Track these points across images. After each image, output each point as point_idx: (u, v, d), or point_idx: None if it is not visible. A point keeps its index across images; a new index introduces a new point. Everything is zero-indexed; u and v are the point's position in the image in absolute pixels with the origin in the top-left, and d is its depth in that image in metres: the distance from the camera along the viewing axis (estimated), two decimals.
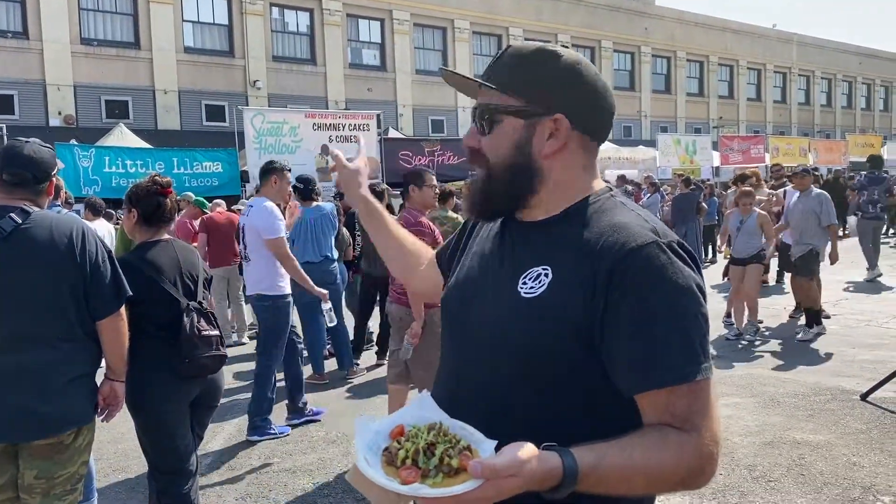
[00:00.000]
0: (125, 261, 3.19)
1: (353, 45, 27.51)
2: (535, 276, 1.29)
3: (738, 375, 6.46)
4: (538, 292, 1.26)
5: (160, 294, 3.23)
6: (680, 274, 1.20)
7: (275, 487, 4.47)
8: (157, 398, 3.23)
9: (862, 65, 46.72)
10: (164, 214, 3.38)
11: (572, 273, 1.24)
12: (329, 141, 15.44)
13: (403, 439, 1.14)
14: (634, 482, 1.16)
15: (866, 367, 6.52)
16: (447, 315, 1.44)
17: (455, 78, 1.40)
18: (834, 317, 8.82)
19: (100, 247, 2.84)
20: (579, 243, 1.26)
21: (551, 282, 1.26)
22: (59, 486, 2.77)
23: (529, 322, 1.25)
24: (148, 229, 3.36)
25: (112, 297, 2.84)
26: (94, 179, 12.81)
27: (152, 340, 3.18)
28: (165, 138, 19.48)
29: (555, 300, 1.24)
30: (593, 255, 1.23)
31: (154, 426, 3.27)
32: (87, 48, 21.78)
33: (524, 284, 1.29)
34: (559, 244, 1.30)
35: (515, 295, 1.29)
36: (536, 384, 1.26)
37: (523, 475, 1.07)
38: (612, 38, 34.49)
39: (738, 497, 4.07)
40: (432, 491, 1.04)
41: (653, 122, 35.58)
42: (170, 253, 3.34)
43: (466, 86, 1.42)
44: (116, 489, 4.55)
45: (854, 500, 3.98)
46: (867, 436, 4.92)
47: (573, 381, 1.25)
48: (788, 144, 27.31)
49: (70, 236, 2.75)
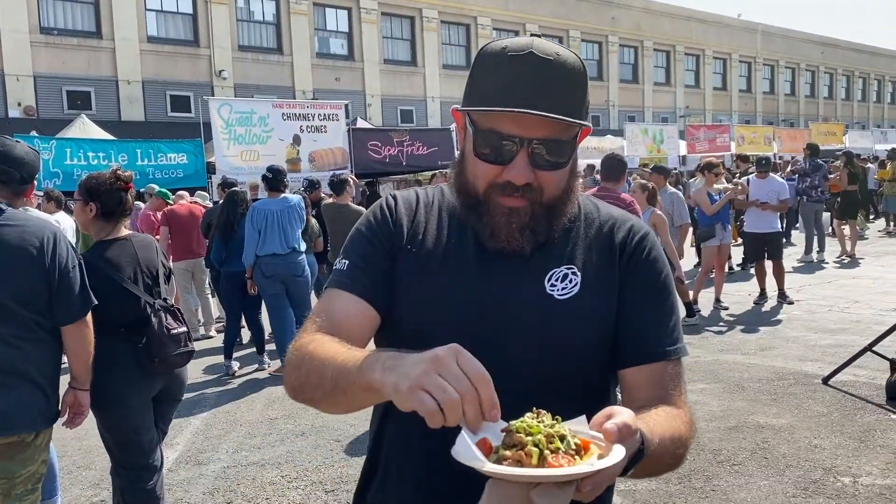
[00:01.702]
0: (83, 260, 3.14)
1: (321, 35, 27.29)
2: (562, 276, 1.29)
3: (705, 362, 6.55)
4: (572, 292, 1.28)
5: (121, 293, 3.19)
6: (666, 261, 1.37)
7: (243, 481, 4.44)
8: (119, 394, 3.19)
9: (824, 54, 47.53)
10: (125, 210, 3.33)
11: (597, 269, 1.31)
12: (300, 131, 15.34)
13: (510, 438, 0.95)
14: (667, 453, 1.14)
15: (828, 352, 6.65)
16: (440, 329, 1.22)
17: (535, 117, 1.17)
18: (797, 302, 8.99)
19: (71, 254, 2.79)
20: (596, 238, 1.34)
21: (581, 281, 1.29)
22: (20, 486, 2.72)
23: (568, 323, 1.26)
24: (106, 224, 3.30)
25: (78, 305, 2.80)
26: (55, 172, 12.57)
27: (112, 337, 3.13)
28: (129, 129, 19.17)
29: (588, 299, 1.28)
30: (612, 246, 1.33)
31: (116, 422, 3.23)
32: (47, 37, 21.32)
33: (553, 287, 1.28)
34: (577, 243, 1.33)
35: (548, 298, 1.27)
36: (566, 386, 1.27)
37: (637, 429, 1.00)
38: (579, 27, 34.64)
39: (703, 481, 4.13)
40: (605, 461, 0.91)
41: (620, 111, 35.84)
42: (128, 251, 3.30)
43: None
44: (80, 486, 4.49)
45: (815, 481, 4.07)
46: (828, 418, 5.02)
47: (599, 382, 1.34)
48: (753, 133, 27.76)
49: (41, 240, 2.70)
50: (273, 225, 6.65)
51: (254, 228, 6.63)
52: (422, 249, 1.33)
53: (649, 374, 1.27)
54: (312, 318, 1.29)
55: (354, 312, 1.28)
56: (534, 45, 1.21)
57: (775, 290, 9.13)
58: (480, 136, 1.23)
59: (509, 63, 1.20)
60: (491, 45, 1.26)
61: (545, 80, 1.19)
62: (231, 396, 6.12)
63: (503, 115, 1.19)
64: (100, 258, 3.21)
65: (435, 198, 1.41)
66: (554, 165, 1.24)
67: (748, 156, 13.53)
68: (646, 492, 4.02)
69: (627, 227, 1.36)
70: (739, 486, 4.05)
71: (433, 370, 0.91)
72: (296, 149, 15.20)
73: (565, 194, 1.29)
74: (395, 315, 1.31)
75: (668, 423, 1.16)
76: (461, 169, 1.31)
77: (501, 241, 1.26)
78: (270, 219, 6.65)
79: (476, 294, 1.28)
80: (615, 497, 4.05)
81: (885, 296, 9.13)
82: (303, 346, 1.22)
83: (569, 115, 1.19)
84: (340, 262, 1.35)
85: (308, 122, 15.42)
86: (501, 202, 1.24)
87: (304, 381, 1.18)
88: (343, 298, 1.29)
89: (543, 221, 1.26)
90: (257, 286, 6.74)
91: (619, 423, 0.96)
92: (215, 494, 4.27)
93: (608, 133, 27.66)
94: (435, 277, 1.30)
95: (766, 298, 9.09)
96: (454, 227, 1.35)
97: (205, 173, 14.43)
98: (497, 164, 1.23)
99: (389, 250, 1.34)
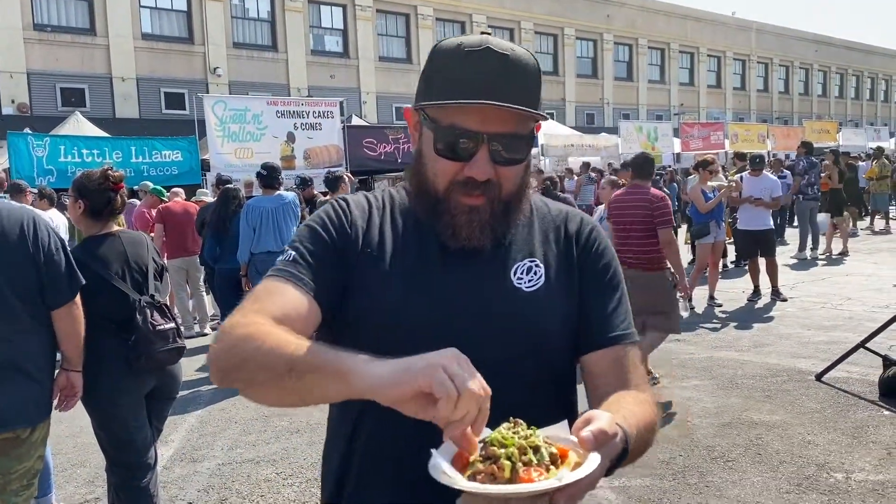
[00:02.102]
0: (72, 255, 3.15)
1: (316, 32, 27.23)
2: (527, 269, 1.31)
3: (699, 358, 6.57)
4: (538, 284, 1.31)
5: (109, 289, 3.19)
6: (614, 251, 1.42)
7: (238, 478, 4.44)
8: (111, 392, 3.19)
9: (818, 52, 47.62)
10: (114, 210, 3.33)
11: (557, 260, 1.34)
12: (294, 128, 15.31)
13: (485, 450, 0.96)
14: (643, 442, 1.17)
15: (821, 349, 6.67)
16: (413, 330, 1.24)
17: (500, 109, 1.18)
18: (791, 299, 9.02)
19: (52, 236, 2.79)
20: (551, 231, 1.38)
21: (545, 272, 1.32)
22: (16, 482, 2.72)
23: (538, 314, 1.29)
24: (95, 222, 3.31)
25: (66, 287, 2.81)
26: (48, 169, 12.51)
27: (103, 334, 3.13)
28: (123, 127, 19.11)
29: (554, 290, 1.32)
30: (567, 238, 1.37)
31: (109, 420, 3.23)
32: (41, 34, 21.22)
33: (520, 280, 1.30)
34: (535, 236, 1.36)
35: (516, 291, 1.29)
36: (538, 377, 1.30)
37: (616, 433, 1.02)
38: (574, 25, 34.64)
39: (697, 477, 4.15)
40: (576, 473, 0.93)
41: (615, 109, 35.87)
42: (117, 247, 3.29)
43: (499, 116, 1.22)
44: (75, 483, 4.48)
45: (808, 477, 4.09)
46: (821, 415, 5.05)
47: (568, 372, 1.37)
48: (747, 131, 27.81)
49: (21, 226, 2.69)
50: (268, 222, 6.65)
51: (248, 226, 6.63)
52: (382, 252, 1.31)
53: (609, 359, 1.30)
54: (251, 302, 1.21)
55: (297, 307, 1.21)
56: (490, 41, 1.21)
57: (769, 287, 9.17)
58: (440, 133, 1.23)
59: (466, 58, 1.20)
60: (445, 43, 1.26)
61: (504, 74, 1.19)
62: (226, 394, 6.11)
63: (463, 111, 1.19)
64: (87, 254, 3.21)
65: (386, 201, 1.39)
66: (513, 161, 1.25)
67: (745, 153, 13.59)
68: (639, 488, 4.03)
69: (578, 219, 1.41)
70: (733, 483, 4.07)
71: (453, 363, 0.93)
72: (290, 146, 15.17)
73: (521, 190, 1.31)
74: (355, 319, 1.28)
75: (641, 412, 1.19)
76: (418, 169, 1.31)
77: (463, 240, 1.26)
78: (265, 216, 6.65)
79: (444, 292, 1.27)
80: (609, 493, 4.07)
81: (878, 293, 9.16)
82: (242, 325, 1.13)
83: (535, 108, 1.22)
84: (287, 252, 1.30)
85: (303, 119, 15.39)
86: (462, 201, 1.25)
87: (244, 362, 1.09)
88: (288, 292, 1.22)
89: (502, 218, 1.28)
90: (252, 283, 6.74)
91: (594, 431, 0.98)
92: (210, 492, 4.27)
93: (603, 131, 27.68)
94: (400, 279, 1.28)
95: (760, 295, 9.12)
96: (411, 228, 1.34)
97: (199, 171, 14.39)
98: (458, 160, 1.23)
99: (342, 250, 1.30)
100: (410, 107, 1.31)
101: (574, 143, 21.73)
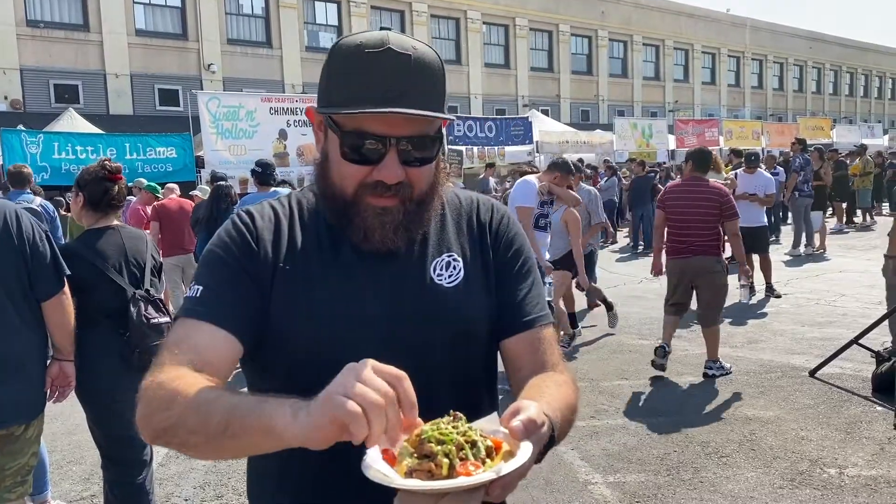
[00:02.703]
0: (70, 248, 3.18)
1: (310, 28, 27.19)
2: (446, 264, 1.32)
3: (693, 355, 6.59)
4: (458, 278, 1.32)
5: (105, 282, 3.18)
6: (525, 237, 1.44)
7: (234, 475, 4.44)
8: (107, 387, 3.17)
9: (812, 49, 47.71)
10: (112, 200, 3.32)
11: (472, 251, 1.36)
12: (287, 126, 15.28)
13: (422, 447, 0.96)
14: (567, 423, 1.18)
15: (815, 345, 6.71)
16: (334, 339, 1.23)
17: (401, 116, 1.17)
18: (785, 296, 9.06)
19: (35, 227, 2.79)
20: (465, 223, 1.39)
21: (463, 265, 1.33)
22: (10, 479, 2.72)
23: (461, 308, 1.30)
24: (94, 214, 3.30)
25: (54, 277, 2.82)
26: (42, 166, 12.46)
27: (99, 328, 3.14)
28: (117, 123, 19.05)
29: (473, 282, 1.33)
30: (480, 227, 1.38)
31: (106, 416, 3.22)
32: (34, 30, 21.14)
33: (440, 276, 1.31)
34: (449, 230, 1.36)
35: (437, 287, 1.30)
36: (468, 369, 1.33)
37: (544, 422, 1.02)
38: (569, 21, 34.64)
39: (691, 472, 4.17)
40: (511, 464, 0.94)
41: (610, 105, 35.90)
42: (116, 240, 3.29)
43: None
44: (71, 480, 4.48)
45: (802, 472, 4.11)
46: (815, 411, 5.07)
47: (489, 361, 1.38)
48: (742, 127, 27.84)
49: (4, 219, 2.68)
50: None
51: None
52: (297, 265, 1.27)
53: (526, 343, 1.32)
54: (169, 351, 1.16)
55: (215, 345, 1.17)
56: (390, 41, 1.17)
57: (763, 284, 9.20)
58: (346, 138, 1.19)
59: (367, 60, 1.16)
60: (344, 42, 1.21)
61: (406, 76, 1.16)
62: None
63: (368, 115, 1.16)
64: (85, 246, 3.22)
65: (294, 208, 1.34)
66: (422, 161, 1.23)
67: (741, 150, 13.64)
68: (635, 484, 4.05)
69: (489, 206, 1.42)
70: (727, 478, 4.09)
71: (350, 380, 0.90)
72: (283, 143, 15.15)
73: (433, 188, 1.29)
74: (285, 339, 1.24)
75: (562, 395, 1.20)
76: (324, 172, 1.27)
77: (376, 242, 1.24)
78: None
79: (365, 297, 1.25)
80: (604, 490, 4.09)
81: (871, 289, 9.19)
82: (167, 382, 1.09)
83: (432, 110, 1.18)
84: (193, 287, 1.24)
85: (296, 116, 15.36)
86: (372, 202, 1.22)
87: (176, 424, 1.05)
88: (202, 329, 1.18)
89: (416, 217, 1.26)
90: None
91: (524, 421, 0.99)
92: (206, 489, 4.28)
93: (598, 127, 27.70)
94: (320, 291, 1.25)
95: (754, 292, 9.15)
96: (324, 234, 1.30)
97: (194, 167, 14.36)
98: (366, 164, 1.20)
99: (253, 272, 1.24)
100: (311, 107, 1.28)
101: (569, 140, 21.75)
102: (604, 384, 5.90)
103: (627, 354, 6.80)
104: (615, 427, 4.93)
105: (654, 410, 5.25)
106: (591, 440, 4.70)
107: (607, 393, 5.66)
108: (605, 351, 6.98)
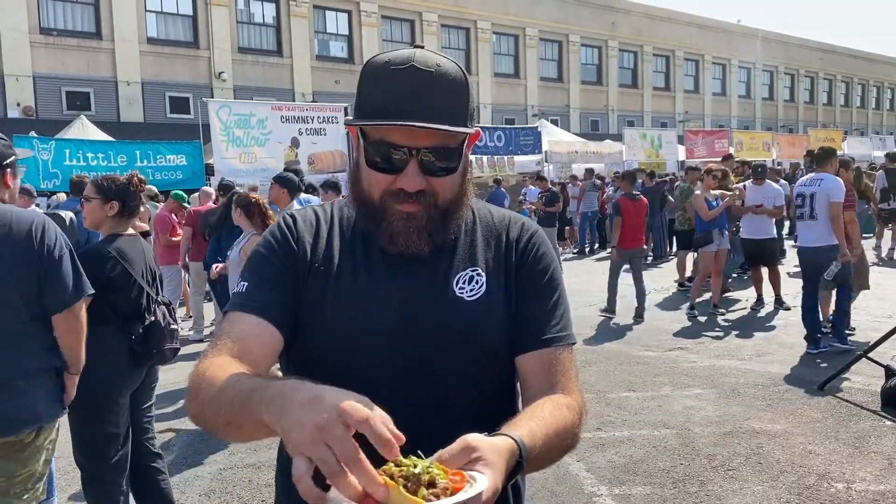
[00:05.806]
0: (98, 249, 3.35)
1: (320, 37, 27.31)
2: (468, 278, 1.35)
3: (701, 367, 6.56)
4: (480, 293, 1.34)
5: (131, 285, 3.35)
6: (555, 256, 1.45)
7: (239, 483, 4.44)
8: (115, 384, 3.32)
9: (823, 61, 47.58)
10: (136, 209, 3.57)
11: (497, 268, 1.38)
12: (299, 134, 15.34)
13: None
14: (554, 448, 1.18)
15: (824, 358, 6.66)
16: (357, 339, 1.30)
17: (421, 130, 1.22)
18: (794, 308, 8.99)
19: (60, 241, 2.79)
20: (493, 239, 1.41)
21: (486, 281, 1.36)
22: (19, 485, 2.72)
23: (480, 323, 1.32)
24: (122, 221, 3.48)
25: (69, 292, 2.78)
26: (54, 173, 12.57)
27: (110, 328, 3.28)
28: (128, 131, 19.18)
29: (494, 298, 1.35)
30: (507, 245, 1.40)
31: (104, 413, 3.33)
32: (47, 38, 21.31)
33: (462, 290, 1.34)
34: (477, 245, 1.39)
35: (458, 300, 1.33)
36: (482, 384, 1.34)
37: (498, 452, 1.01)
38: (579, 32, 34.68)
39: (697, 486, 4.14)
40: (450, 500, 0.91)
41: (619, 116, 35.88)
42: (138, 246, 3.48)
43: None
44: (77, 486, 4.48)
45: (809, 487, 4.08)
46: (823, 424, 5.04)
47: (510, 378, 1.39)
48: (752, 139, 27.78)
49: (29, 230, 2.70)
50: None
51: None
52: (330, 267, 1.35)
53: (540, 361, 1.32)
54: (215, 342, 1.27)
55: (257, 333, 1.27)
56: (415, 59, 1.25)
57: (772, 296, 9.15)
58: (371, 147, 1.28)
59: (392, 77, 1.24)
60: (375, 59, 1.30)
61: (426, 91, 1.23)
62: None
63: (390, 128, 1.23)
64: (114, 248, 3.36)
65: (334, 214, 1.43)
66: (445, 171, 1.29)
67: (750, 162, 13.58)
68: (640, 496, 4.03)
69: (519, 225, 1.44)
70: (734, 492, 4.06)
71: (323, 435, 0.88)
72: (294, 151, 15.20)
73: (459, 198, 1.34)
74: (310, 335, 1.31)
75: (553, 418, 1.21)
76: (357, 179, 1.35)
77: (400, 245, 1.30)
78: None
79: (390, 303, 1.31)
80: (610, 502, 4.06)
81: (881, 302, 9.14)
82: (202, 372, 1.19)
83: (451, 124, 1.24)
84: (240, 284, 1.34)
85: (307, 124, 15.43)
86: (398, 208, 1.29)
87: (203, 411, 1.15)
88: (246, 320, 1.28)
89: (440, 224, 1.31)
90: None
91: (468, 441, 0.99)
92: (211, 496, 4.28)
93: (607, 138, 27.68)
94: (348, 294, 1.33)
95: (763, 304, 9.11)
96: (358, 239, 1.38)
97: (203, 175, 14.41)
98: (389, 172, 1.27)
99: (292, 271, 1.34)
100: (348, 121, 1.35)
101: (578, 150, 21.75)
102: (610, 396, 5.88)
103: (634, 366, 6.77)
104: (621, 439, 4.91)
105: (660, 423, 5.22)
106: (597, 452, 4.68)
107: (614, 405, 5.64)
108: (612, 363, 6.96)
